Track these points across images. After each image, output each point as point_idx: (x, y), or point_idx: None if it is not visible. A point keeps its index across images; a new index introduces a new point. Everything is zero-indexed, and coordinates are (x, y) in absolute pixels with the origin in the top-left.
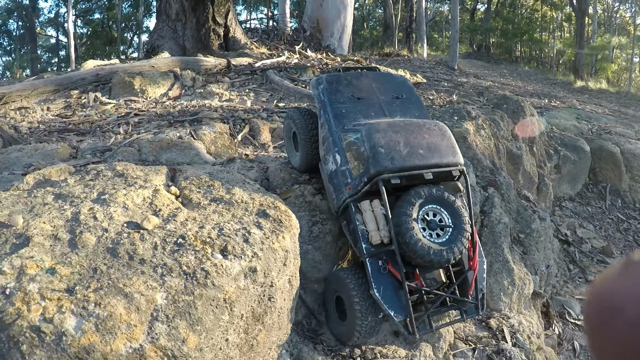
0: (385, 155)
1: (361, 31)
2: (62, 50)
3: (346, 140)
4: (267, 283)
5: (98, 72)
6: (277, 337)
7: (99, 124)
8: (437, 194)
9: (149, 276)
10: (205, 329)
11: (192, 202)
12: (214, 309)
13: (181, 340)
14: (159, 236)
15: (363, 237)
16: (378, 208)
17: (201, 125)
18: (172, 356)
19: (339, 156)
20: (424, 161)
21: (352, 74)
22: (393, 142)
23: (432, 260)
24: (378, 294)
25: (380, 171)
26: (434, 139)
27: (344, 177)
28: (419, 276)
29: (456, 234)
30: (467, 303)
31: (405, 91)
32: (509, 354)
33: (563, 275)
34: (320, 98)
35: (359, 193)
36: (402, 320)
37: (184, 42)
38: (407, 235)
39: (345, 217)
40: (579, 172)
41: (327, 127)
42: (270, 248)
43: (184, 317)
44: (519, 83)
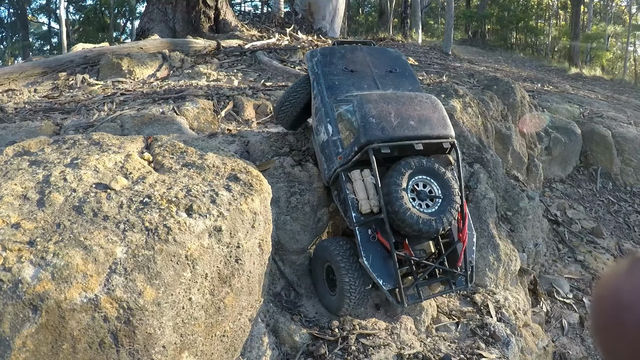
0: (376, 125)
1: (356, 17)
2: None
3: (338, 110)
4: (233, 244)
5: (86, 54)
6: (247, 303)
7: (85, 103)
8: (427, 165)
9: (111, 231)
10: (164, 284)
11: (164, 167)
12: (174, 264)
13: (137, 292)
14: (126, 196)
15: (353, 206)
16: (368, 177)
17: (184, 102)
18: (128, 308)
19: (331, 126)
20: (414, 132)
21: (346, 48)
22: (384, 112)
23: (420, 230)
24: (367, 262)
25: (371, 140)
26: (425, 111)
27: (335, 147)
28: (408, 246)
29: (445, 204)
30: (456, 275)
31: (400, 65)
32: (493, 328)
33: (552, 255)
34: (314, 70)
35: (350, 162)
36: (390, 289)
37: (174, 25)
38: (397, 204)
39: (336, 187)
40: (569, 155)
41: (320, 98)
42: (237, 209)
43: (142, 271)
44: (513, 69)
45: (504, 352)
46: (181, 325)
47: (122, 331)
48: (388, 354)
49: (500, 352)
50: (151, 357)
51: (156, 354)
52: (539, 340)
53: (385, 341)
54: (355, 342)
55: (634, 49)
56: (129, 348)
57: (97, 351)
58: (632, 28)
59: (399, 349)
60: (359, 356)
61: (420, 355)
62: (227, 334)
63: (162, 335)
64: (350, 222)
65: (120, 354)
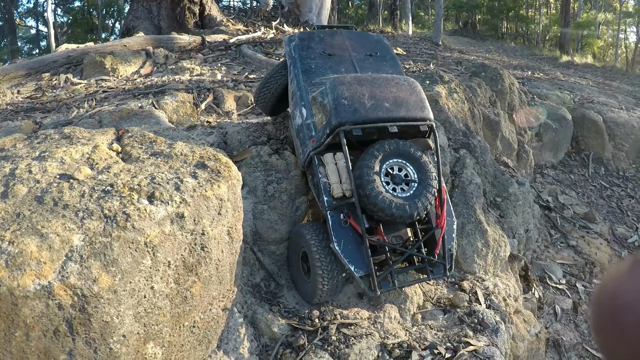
0: (348, 107)
1: (346, 10)
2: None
3: (312, 93)
4: (198, 231)
5: (69, 54)
6: (218, 292)
7: (66, 102)
8: (402, 148)
9: (69, 219)
10: (121, 271)
11: (132, 157)
12: (132, 251)
13: (92, 279)
14: (89, 185)
15: (325, 190)
16: (341, 161)
17: (164, 96)
18: (82, 295)
19: (305, 110)
20: (389, 114)
21: (325, 32)
22: (357, 94)
23: (393, 214)
24: (338, 247)
25: (342, 122)
26: (402, 94)
27: (309, 130)
28: (382, 232)
29: (421, 189)
30: (433, 262)
31: (380, 49)
32: (482, 315)
33: (544, 240)
34: (291, 54)
35: (322, 146)
36: (362, 275)
37: (159, 22)
38: (368, 188)
39: (310, 172)
40: (561, 141)
41: (296, 82)
42: (202, 196)
43: (98, 258)
44: (504, 58)
45: (493, 339)
46: (144, 315)
47: (77, 319)
48: (370, 344)
49: (489, 339)
50: (109, 346)
51: (115, 343)
52: (530, 326)
53: (368, 330)
54: (336, 332)
55: (624, 36)
56: (85, 337)
57: (51, 339)
58: (622, 15)
59: (383, 338)
60: (339, 346)
61: (405, 344)
62: (198, 325)
63: (122, 324)
64: (322, 207)
65: (76, 342)
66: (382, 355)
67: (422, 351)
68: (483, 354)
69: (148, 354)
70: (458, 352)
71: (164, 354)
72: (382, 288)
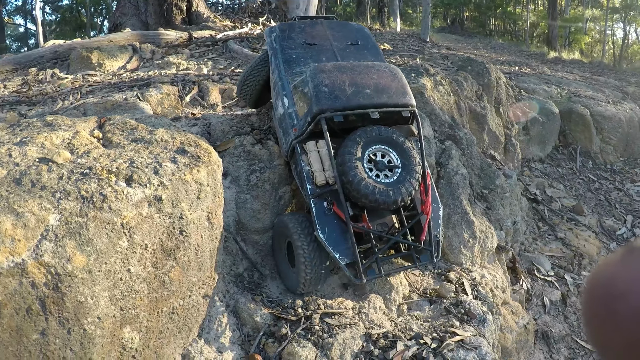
0: (329, 94)
1: (334, 7)
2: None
3: (293, 82)
4: (176, 214)
5: (56, 49)
6: (197, 279)
7: (52, 95)
8: (384, 134)
9: (46, 199)
10: (96, 251)
11: (113, 143)
12: (108, 232)
13: (66, 258)
14: (68, 168)
15: (308, 177)
16: (323, 149)
17: (149, 89)
18: (56, 273)
19: (287, 99)
20: (370, 100)
21: (306, 22)
22: (338, 81)
23: (377, 200)
24: (322, 235)
25: (323, 109)
26: (383, 80)
27: (291, 119)
28: (367, 219)
29: (405, 174)
30: (419, 249)
31: (362, 38)
32: (468, 306)
33: (532, 233)
34: (272, 45)
35: (304, 134)
36: (347, 263)
37: (147, 19)
38: (351, 174)
39: (293, 161)
40: (548, 134)
41: (277, 72)
42: (180, 179)
43: (73, 237)
44: (492, 54)
45: (480, 329)
46: (120, 298)
47: (51, 298)
48: (355, 334)
49: (475, 330)
50: (83, 327)
51: (89, 325)
52: (519, 318)
53: (352, 320)
54: (319, 321)
55: (611, 32)
56: (58, 316)
57: (24, 318)
58: (609, 11)
59: (367, 328)
60: (323, 336)
61: (390, 334)
62: (177, 312)
63: (96, 306)
64: (305, 195)
65: (49, 322)
66: (367, 345)
67: (407, 341)
68: (470, 343)
69: (124, 338)
70: (444, 342)
71: (142, 339)
72: (368, 276)
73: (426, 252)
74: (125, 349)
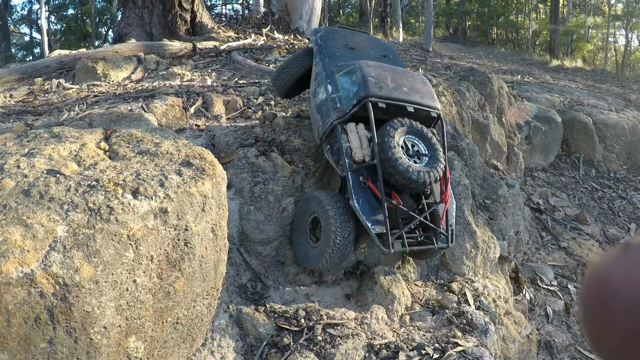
0: (375, 84)
1: (337, 17)
2: (37, 48)
3: (339, 72)
4: (181, 226)
5: (62, 59)
6: (202, 289)
7: (57, 105)
8: (416, 126)
9: (54, 211)
10: (103, 262)
11: (119, 155)
12: (115, 244)
13: (74, 269)
14: (75, 180)
15: (347, 154)
16: (362, 130)
17: (153, 100)
18: (64, 284)
19: (331, 86)
20: (407, 97)
21: (347, 31)
22: (382, 76)
23: (410, 178)
24: (357, 205)
25: (369, 95)
26: (416, 84)
27: (334, 102)
28: (397, 196)
29: (432, 162)
30: (437, 232)
31: (391, 53)
32: (471, 316)
33: (535, 242)
34: (317, 42)
35: (347, 115)
36: (378, 233)
37: (151, 29)
38: (389, 152)
39: (330, 141)
40: (550, 143)
41: (322, 64)
42: (185, 192)
43: (81, 249)
44: (494, 63)
45: (482, 340)
46: (126, 308)
47: (59, 308)
48: (357, 344)
49: (478, 340)
50: (90, 336)
51: (96, 334)
52: (521, 328)
53: (355, 331)
54: (322, 332)
55: (614, 39)
56: (65, 325)
57: (32, 327)
58: (611, 19)
59: (370, 339)
60: (325, 346)
61: (393, 345)
62: (182, 322)
63: (103, 316)
64: (343, 169)
65: (56, 331)
66: (369, 355)
67: (409, 352)
68: (472, 354)
69: (130, 348)
70: (446, 353)
71: (147, 349)
72: (394, 247)
73: (443, 237)
74: (130, 358)
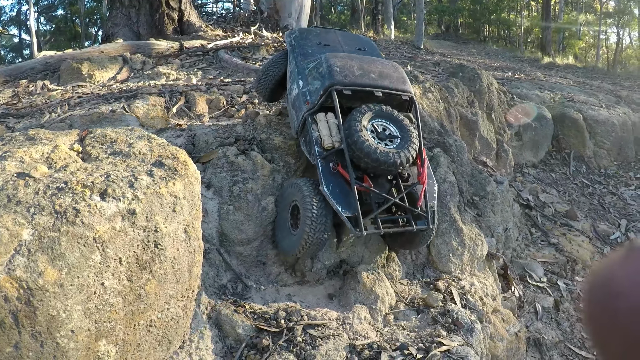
0: (340, 73)
1: (329, 16)
2: (26, 49)
3: (308, 67)
4: (151, 228)
5: (47, 60)
6: (175, 291)
7: (41, 107)
8: (385, 111)
9: (21, 215)
10: (68, 265)
11: (92, 156)
12: (80, 246)
13: (38, 273)
14: (44, 183)
15: (317, 142)
16: (332, 119)
17: (135, 100)
18: (28, 288)
19: (302, 81)
20: (374, 82)
21: (321, 29)
22: (348, 65)
23: (378, 159)
24: (327, 190)
25: (334, 83)
26: (386, 70)
27: (304, 96)
28: (368, 179)
29: (403, 143)
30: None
31: (368, 47)
32: (456, 315)
33: (524, 239)
34: (291, 42)
35: (316, 106)
36: (348, 216)
37: (138, 29)
38: (356, 136)
39: (303, 133)
40: (541, 139)
41: (294, 62)
42: (155, 192)
43: (45, 252)
44: (486, 60)
45: (468, 339)
46: (95, 311)
47: (23, 312)
48: (338, 345)
49: (463, 339)
50: (56, 340)
51: (62, 338)
52: (510, 325)
53: (336, 331)
54: (302, 332)
55: (605, 36)
56: (30, 330)
57: None
58: (603, 16)
59: (352, 339)
60: (305, 347)
61: (375, 345)
62: (156, 324)
63: (69, 319)
64: (313, 158)
65: (22, 335)
66: (351, 356)
67: (392, 352)
68: (456, 354)
69: (100, 352)
70: (430, 353)
71: (119, 353)
72: (367, 230)
73: (423, 218)
74: None
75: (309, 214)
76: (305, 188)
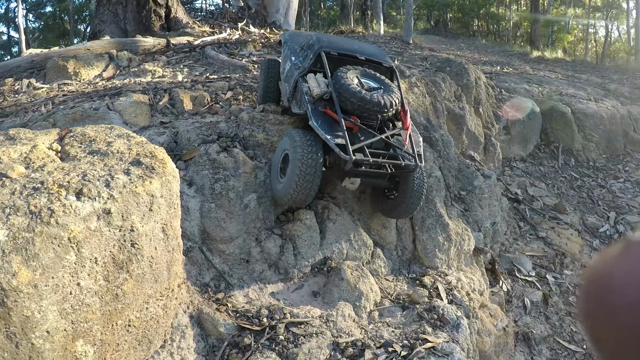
0: (327, 42)
1: (318, 11)
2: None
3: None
4: (127, 227)
5: (33, 58)
6: (154, 291)
7: (26, 106)
8: (369, 71)
9: None
10: (42, 266)
11: (70, 156)
12: (55, 247)
13: (11, 274)
14: (21, 183)
15: (306, 93)
16: (321, 78)
17: (119, 97)
18: (1, 289)
19: (294, 57)
20: (358, 51)
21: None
22: (334, 40)
23: (364, 99)
24: (316, 123)
25: (323, 47)
26: (367, 48)
27: (296, 65)
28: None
29: (386, 91)
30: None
31: None
32: (442, 311)
33: (513, 233)
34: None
35: (306, 69)
36: (338, 143)
37: (125, 26)
38: (341, 82)
39: (295, 95)
40: (529, 133)
41: (287, 48)
42: (131, 192)
43: (19, 253)
44: (475, 55)
45: (454, 335)
46: (71, 312)
47: None
48: (321, 343)
49: (448, 336)
50: (31, 341)
51: (37, 339)
52: (497, 320)
53: (320, 329)
54: (284, 331)
55: (594, 30)
56: (5, 330)
57: None
58: (591, 10)
59: (335, 337)
60: (287, 346)
61: (359, 342)
62: (134, 324)
63: (45, 320)
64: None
65: None
66: (334, 354)
67: (376, 349)
68: (442, 350)
69: (77, 352)
70: (415, 350)
71: (97, 352)
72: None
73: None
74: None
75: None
76: (296, 135)
